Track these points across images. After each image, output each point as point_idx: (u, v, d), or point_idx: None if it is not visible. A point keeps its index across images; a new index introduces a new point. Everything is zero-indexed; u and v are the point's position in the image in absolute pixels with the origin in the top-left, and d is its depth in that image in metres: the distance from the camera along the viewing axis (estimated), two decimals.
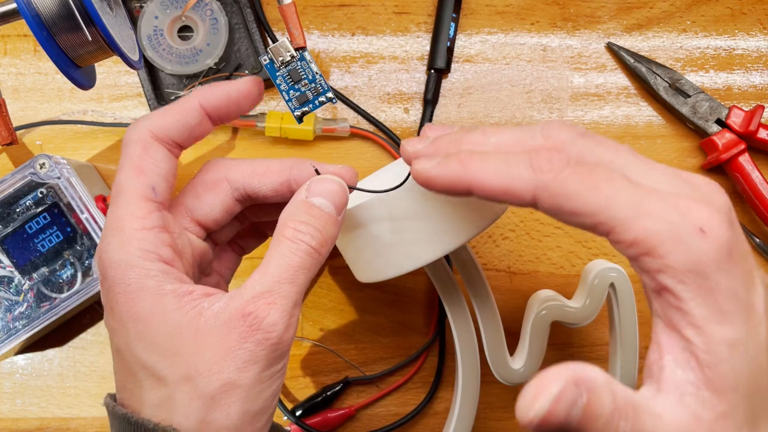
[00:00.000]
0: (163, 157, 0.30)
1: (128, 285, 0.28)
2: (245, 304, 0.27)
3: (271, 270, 0.28)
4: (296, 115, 0.40)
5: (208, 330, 0.27)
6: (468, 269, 0.41)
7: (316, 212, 0.30)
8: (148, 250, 0.28)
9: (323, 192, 0.31)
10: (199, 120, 0.31)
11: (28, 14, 0.29)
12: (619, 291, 0.43)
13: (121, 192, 0.30)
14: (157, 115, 0.31)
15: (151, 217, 0.29)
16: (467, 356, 0.42)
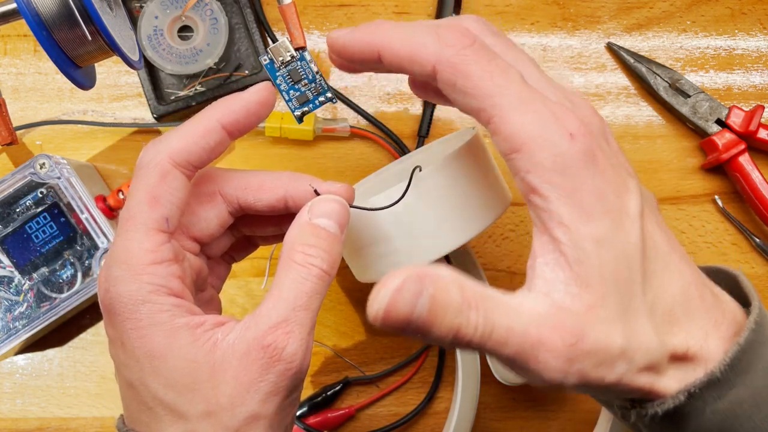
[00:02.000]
0: (180, 186, 0.29)
1: (140, 320, 0.27)
2: (263, 335, 0.27)
3: (285, 296, 0.28)
4: (296, 115, 0.40)
5: (227, 363, 0.27)
6: (468, 269, 0.41)
7: (322, 234, 0.29)
8: (159, 285, 0.28)
9: (326, 212, 0.30)
10: (221, 140, 0.30)
11: (28, 14, 0.29)
12: None
13: (132, 221, 0.28)
14: (177, 137, 0.29)
15: (162, 249, 0.28)
16: (467, 356, 0.42)
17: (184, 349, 0.27)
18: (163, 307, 0.27)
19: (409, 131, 0.48)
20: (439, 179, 0.36)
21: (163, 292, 0.28)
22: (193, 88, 0.47)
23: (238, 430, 0.27)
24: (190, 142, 0.29)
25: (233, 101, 0.30)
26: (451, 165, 0.36)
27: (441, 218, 0.36)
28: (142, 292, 0.27)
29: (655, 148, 0.49)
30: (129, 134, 0.48)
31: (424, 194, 0.36)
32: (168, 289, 0.28)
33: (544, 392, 0.48)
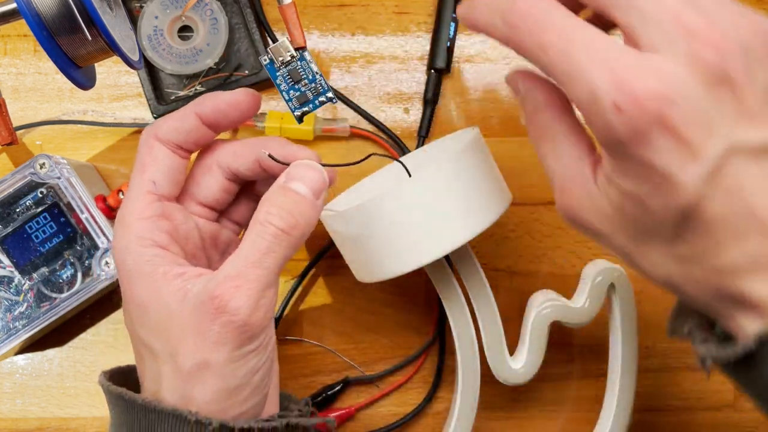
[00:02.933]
0: (163, 155, 0.33)
1: (128, 270, 0.31)
2: (214, 287, 0.29)
3: (242, 253, 0.30)
4: (296, 115, 0.40)
5: (189, 311, 0.29)
6: (468, 269, 0.41)
7: (290, 194, 0.31)
8: (144, 237, 0.31)
9: (301, 176, 0.32)
10: (196, 126, 0.33)
11: (28, 14, 0.29)
12: (620, 291, 0.43)
13: (129, 188, 0.33)
14: (160, 120, 0.33)
15: (151, 207, 0.32)
16: (467, 356, 0.42)
17: (162, 298, 0.30)
18: (145, 257, 0.30)
19: (409, 131, 0.48)
20: (439, 178, 0.36)
21: (148, 244, 0.31)
22: (193, 88, 0.47)
23: (190, 373, 0.29)
24: (169, 124, 0.33)
25: (209, 97, 0.33)
26: (452, 164, 0.36)
27: (441, 218, 0.36)
28: (130, 244, 0.31)
29: None
30: (129, 134, 0.48)
31: (425, 194, 0.36)
32: (152, 241, 0.31)
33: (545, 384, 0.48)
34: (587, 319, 0.43)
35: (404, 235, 0.36)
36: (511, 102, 0.49)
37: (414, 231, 0.36)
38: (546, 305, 0.42)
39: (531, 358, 0.42)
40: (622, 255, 0.29)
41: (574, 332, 0.48)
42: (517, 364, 0.42)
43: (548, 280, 0.48)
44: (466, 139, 0.38)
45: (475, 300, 0.42)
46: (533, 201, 0.48)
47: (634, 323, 0.44)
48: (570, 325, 0.43)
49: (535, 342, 0.42)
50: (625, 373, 0.44)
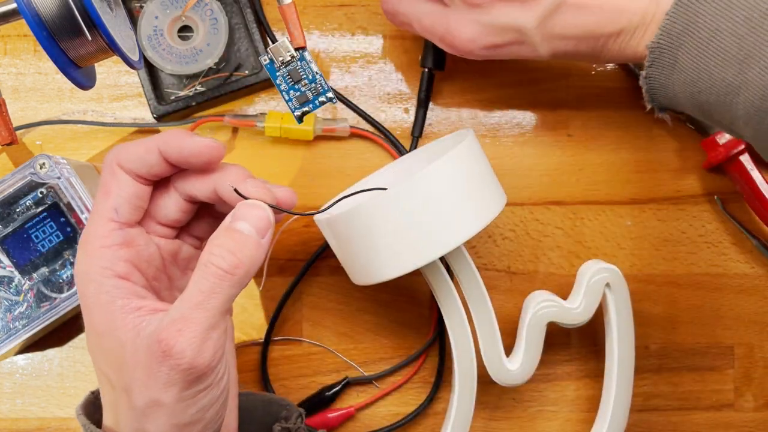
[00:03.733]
0: (126, 182, 0.32)
1: (87, 298, 0.31)
2: (160, 331, 0.29)
3: (186, 295, 0.30)
4: (296, 115, 0.40)
5: (141, 350, 0.29)
6: (464, 271, 0.41)
7: (234, 235, 0.31)
8: (105, 267, 0.31)
9: (246, 216, 0.32)
10: (158, 162, 0.33)
11: (28, 14, 0.29)
12: (615, 290, 0.43)
13: (92, 211, 0.33)
14: (125, 146, 0.33)
15: (112, 235, 0.32)
16: (463, 358, 0.42)
17: (116, 332, 0.30)
18: (105, 287, 0.31)
19: (409, 131, 0.48)
20: (433, 181, 0.36)
21: (108, 274, 0.31)
22: (193, 88, 0.47)
23: (143, 411, 0.30)
24: (132, 153, 0.32)
25: (175, 138, 0.32)
26: (446, 167, 0.37)
27: (436, 220, 0.36)
28: (91, 273, 0.31)
29: (655, 148, 0.49)
30: (129, 134, 0.48)
31: (418, 197, 0.36)
32: (113, 271, 0.31)
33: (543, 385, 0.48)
34: (583, 320, 0.43)
35: (398, 238, 0.36)
36: (512, 102, 0.49)
37: (408, 234, 0.36)
38: (542, 306, 0.42)
39: (527, 360, 0.42)
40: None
41: (573, 332, 0.48)
42: (513, 365, 0.42)
43: (548, 280, 0.48)
44: (461, 142, 0.38)
45: (471, 301, 0.42)
46: (533, 201, 0.48)
47: (629, 323, 0.44)
48: (566, 325, 0.43)
49: (532, 343, 0.42)
50: (621, 372, 0.44)
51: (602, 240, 0.48)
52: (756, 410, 0.48)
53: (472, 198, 0.37)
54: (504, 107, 0.49)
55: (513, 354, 0.43)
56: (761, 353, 0.48)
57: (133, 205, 0.33)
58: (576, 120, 0.49)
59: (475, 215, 0.37)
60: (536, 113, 0.49)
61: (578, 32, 0.38)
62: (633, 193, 0.48)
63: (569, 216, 0.48)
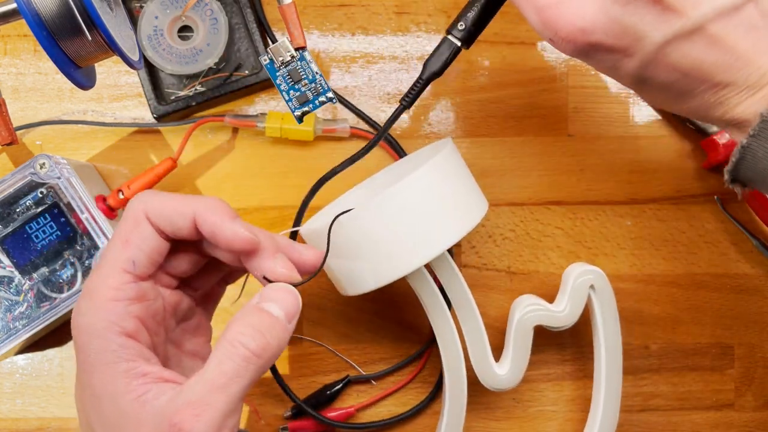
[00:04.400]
0: (149, 235, 0.31)
1: (88, 354, 0.28)
2: (174, 412, 0.27)
3: (207, 375, 0.28)
4: (296, 115, 0.40)
5: (146, 425, 0.27)
6: (448, 277, 0.41)
7: (264, 316, 0.30)
8: (113, 321, 0.29)
9: (276, 299, 0.30)
10: (187, 227, 0.31)
11: (28, 14, 0.29)
12: (599, 292, 0.44)
13: (104, 259, 0.30)
14: (159, 199, 0.31)
15: (125, 288, 0.30)
16: (452, 364, 0.42)
17: (117, 398, 0.28)
18: (110, 346, 0.28)
19: (409, 131, 0.48)
20: (412, 192, 0.36)
21: (116, 330, 0.29)
22: (193, 88, 0.47)
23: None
24: (165, 209, 0.31)
25: (215, 215, 0.31)
26: (424, 177, 0.37)
27: (416, 230, 0.37)
28: (97, 327, 0.28)
29: (655, 148, 0.49)
30: (129, 134, 0.48)
31: (403, 205, 0.36)
32: (121, 327, 0.29)
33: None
34: (570, 322, 0.43)
35: (379, 249, 0.37)
36: (511, 102, 0.49)
37: (388, 244, 0.37)
38: (528, 310, 0.43)
39: (516, 364, 0.42)
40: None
41: (569, 334, 0.48)
42: (502, 369, 0.42)
43: (548, 280, 0.48)
44: (440, 152, 0.38)
45: (458, 307, 0.42)
46: (533, 201, 0.48)
47: (615, 323, 0.44)
48: (553, 328, 0.43)
49: (519, 347, 0.43)
50: (609, 372, 0.44)
51: (602, 240, 0.48)
52: (756, 410, 0.48)
53: (450, 207, 0.38)
54: (504, 107, 0.49)
55: (502, 359, 0.43)
56: (761, 353, 0.48)
57: (152, 260, 0.31)
58: (576, 120, 0.49)
59: (454, 224, 0.38)
60: (536, 113, 0.49)
61: (689, 67, 0.31)
62: (633, 193, 0.48)
63: (569, 216, 0.48)
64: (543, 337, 0.47)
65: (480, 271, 0.48)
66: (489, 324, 0.43)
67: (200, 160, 0.48)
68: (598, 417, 0.44)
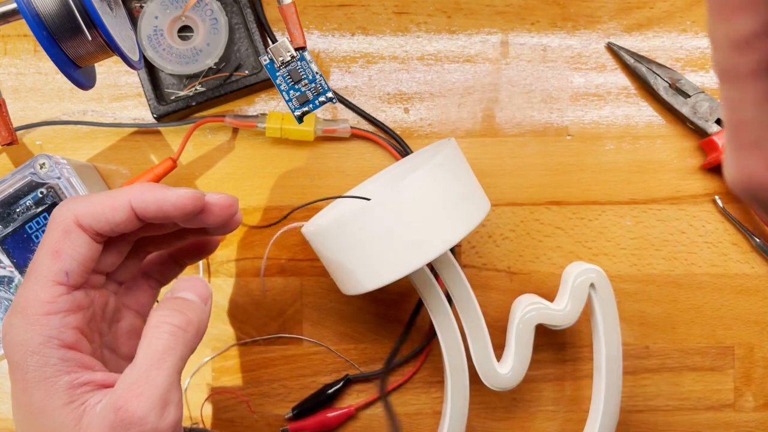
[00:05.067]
0: (83, 243, 0.29)
1: (26, 372, 0.28)
2: (116, 400, 0.27)
3: (138, 360, 0.28)
4: (296, 115, 0.40)
5: (91, 429, 0.27)
6: (450, 276, 0.41)
7: (179, 300, 0.30)
8: (51, 336, 0.28)
9: (188, 287, 0.31)
10: (126, 218, 0.30)
11: (28, 14, 0.29)
12: (599, 290, 0.44)
13: (34, 273, 0.29)
14: (86, 202, 0.30)
15: (59, 301, 0.29)
16: (455, 363, 0.42)
17: (57, 411, 0.27)
18: (50, 361, 0.28)
19: (409, 131, 0.48)
20: (415, 191, 0.36)
21: (54, 344, 0.28)
22: (193, 88, 0.47)
23: None
24: (97, 210, 0.29)
25: (152, 192, 0.30)
26: (427, 177, 0.37)
27: (419, 229, 0.37)
28: (33, 343, 0.28)
29: (655, 148, 0.49)
30: (129, 134, 0.48)
31: (406, 204, 0.36)
32: (60, 341, 0.28)
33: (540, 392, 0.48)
34: (570, 321, 0.43)
35: (382, 248, 0.37)
36: (511, 102, 0.49)
37: (391, 243, 0.37)
38: (529, 309, 0.43)
39: (518, 363, 0.42)
40: None
41: (569, 333, 0.48)
42: (504, 369, 0.42)
43: (548, 280, 0.48)
44: (442, 151, 0.38)
45: (460, 306, 0.42)
46: (533, 201, 0.48)
47: (615, 322, 0.44)
48: (554, 327, 0.43)
49: (521, 346, 0.43)
50: (609, 371, 0.44)
51: (602, 240, 0.48)
52: (756, 410, 0.48)
53: (453, 206, 0.38)
54: (504, 108, 0.49)
55: (503, 358, 0.43)
56: (761, 353, 0.48)
57: (86, 267, 0.29)
58: (576, 120, 0.49)
59: (457, 223, 0.38)
60: (536, 113, 0.49)
61: None
62: (633, 193, 0.48)
63: (569, 216, 0.48)
64: (543, 337, 0.47)
65: (480, 271, 0.48)
66: (489, 324, 0.43)
67: (200, 160, 0.48)
68: (598, 417, 0.44)
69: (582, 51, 0.49)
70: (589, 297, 0.44)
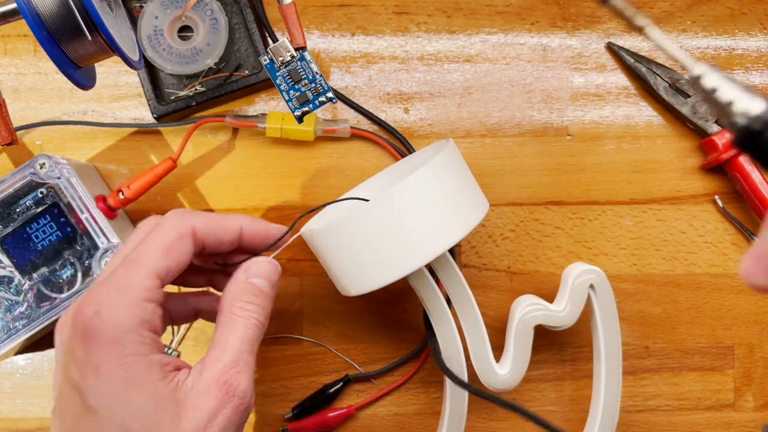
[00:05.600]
0: (188, 251, 0.34)
1: (124, 348, 0.30)
2: (219, 374, 0.31)
3: (233, 343, 0.33)
4: (296, 115, 0.40)
5: (188, 402, 0.31)
6: (449, 277, 0.41)
7: (256, 291, 0.35)
8: (146, 320, 0.31)
9: (261, 273, 0.35)
10: (232, 240, 0.36)
11: (28, 14, 0.29)
12: (599, 291, 0.44)
13: (141, 261, 0.32)
14: (206, 218, 0.35)
15: (156, 292, 0.32)
16: (454, 364, 0.42)
17: (154, 384, 0.31)
18: (146, 340, 0.31)
19: (409, 131, 0.48)
20: (413, 192, 0.36)
21: (147, 327, 0.31)
22: (193, 88, 0.47)
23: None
24: (212, 227, 0.35)
25: (260, 224, 0.37)
26: (425, 177, 0.37)
27: (416, 230, 0.37)
28: (132, 323, 0.31)
29: (655, 148, 0.49)
30: (129, 134, 0.48)
31: (404, 205, 0.36)
32: (151, 325, 0.32)
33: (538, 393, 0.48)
34: (570, 322, 0.43)
35: (380, 249, 0.37)
36: (512, 102, 0.49)
37: (390, 244, 0.37)
38: (528, 310, 0.43)
39: (516, 364, 0.42)
40: None
41: (569, 334, 0.48)
42: (503, 370, 0.42)
43: (548, 280, 0.48)
44: (440, 152, 0.38)
45: (459, 307, 0.42)
46: (533, 201, 0.48)
47: (615, 323, 0.44)
48: (553, 328, 0.43)
49: (520, 347, 0.43)
50: (609, 372, 0.44)
51: (602, 240, 0.48)
52: (756, 410, 0.48)
53: (451, 207, 0.38)
54: (504, 108, 0.49)
55: (502, 359, 0.43)
56: (761, 353, 0.48)
57: (180, 271, 0.34)
58: (576, 120, 0.49)
59: (455, 224, 0.38)
60: (536, 113, 0.49)
61: None
62: (633, 193, 0.48)
63: (569, 216, 0.48)
64: (543, 337, 0.47)
65: (480, 271, 0.48)
66: (489, 324, 0.43)
67: (200, 160, 0.48)
68: (598, 417, 0.44)
69: (582, 51, 0.49)
70: (589, 298, 0.44)
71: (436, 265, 0.41)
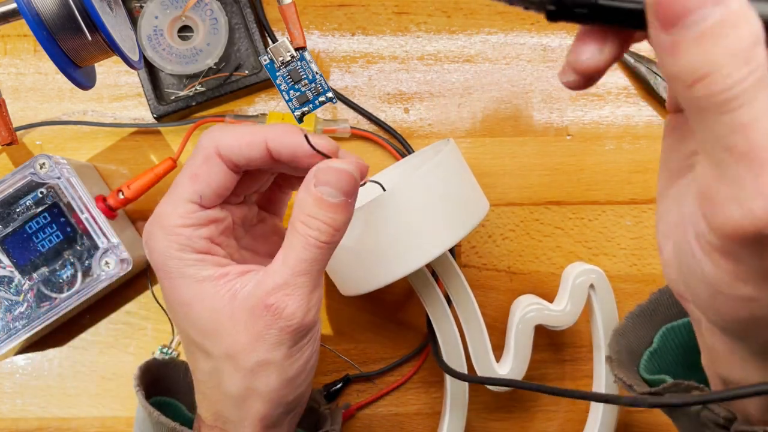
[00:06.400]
0: (218, 171, 0.32)
1: (170, 272, 0.32)
2: (266, 295, 0.30)
3: (289, 262, 0.31)
4: (296, 115, 0.40)
5: (240, 314, 0.31)
6: (449, 277, 0.41)
7: (323, 205, 0.30)
8: (185, 244, 0.31)
9: (329, 180, 0.30)
10: (260, 155, 0.32)
11: (28, 14, 0.29)
12: (599, 291, 0.44)
13: (174, 190, 0.33)
14: (228, 135, 0.32)
15: (192, 217, 0.32)
16: (454, 363, 0.42)
17: (207, 299, 0.31)
18: (188, 262, 0.31)
19: (409, 131, 0.48)
20: (417, 190, 0.36)
21: (189, 250, 0.32)
22: (193, 88, 0.47)
23: (253, 371, 0.31)
24: (234, 144, 0.32)
25: (289, 135, 0.32)
26: (429, 175, 0.37)
27: (417, 230, 0.37)
28: (171, 249, 0.31)
29: (655, 148, 0.49)
30: (129, 134, 0.48)
31: (405, 205, 0.36)
32: (192, 248, 0.32)
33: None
34: (570, 322, 0.43)
35: (380, 249, 0.37)
36: (512, 102, 0.49)
37: (390, 245, 0.37)
38: (528, 310, 0.43)
39: (517, 364, 0.42)
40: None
41: (569, 333, 0.48)
42: (503, 370, 0.42)
43: (548, 280, 0.48)
44: (440, 152, 0.38)
45: (459, 307, 0.42)
46: (533, 201, 0.48)
47: (615, 322, 0.44)
48: (553, 328, 0.43)
49: (520, 347, 0.43)
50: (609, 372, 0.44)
51: (602, 240, 0.48)
52: None
53: (451, 207, 0.38)
54: (504, 107, 0.49)
55: (502, 359, 0.43)
56: None
57: (219, 194, 0.33)
58: (576, 120, 0.49)
59: (455, 224, 0.38)
60: (536, 113, 0.49)
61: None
62: (633, 193, 0.48)
63: (569, 216, 0.48)
64: (543, 337, 0.47)
65: (480, 271, 0.48)
66: (489, 324, 0.43)
67: None
68: (598, 417, 0.44)
69: None
70: (589, 298, 0.44)
71: (437, 265, 0.41)
